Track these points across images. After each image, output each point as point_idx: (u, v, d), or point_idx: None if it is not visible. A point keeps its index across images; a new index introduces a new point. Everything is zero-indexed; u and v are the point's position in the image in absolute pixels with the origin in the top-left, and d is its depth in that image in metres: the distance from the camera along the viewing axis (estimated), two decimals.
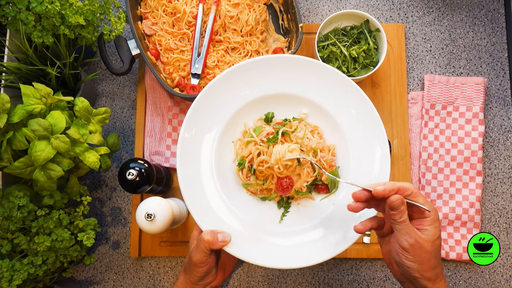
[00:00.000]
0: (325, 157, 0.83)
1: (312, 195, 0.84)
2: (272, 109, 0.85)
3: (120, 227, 1.02)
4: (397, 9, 1.10)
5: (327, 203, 0.82)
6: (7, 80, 0.90)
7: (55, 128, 0.78)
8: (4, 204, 0.82)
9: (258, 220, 0.81)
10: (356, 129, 0.82)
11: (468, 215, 0.99)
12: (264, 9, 1.03)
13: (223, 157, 0.84)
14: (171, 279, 1.00)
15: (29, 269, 0.82)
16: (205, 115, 0.81)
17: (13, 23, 0.85)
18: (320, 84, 0.82)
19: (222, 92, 0.81)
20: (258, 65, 0.81)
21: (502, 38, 1.07)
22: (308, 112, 0.85)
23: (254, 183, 0.83)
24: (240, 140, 0.85)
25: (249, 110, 0.84)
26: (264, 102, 0.84)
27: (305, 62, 0.82)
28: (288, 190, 0.81)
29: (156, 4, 1.00)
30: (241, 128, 0.86)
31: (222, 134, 0.83)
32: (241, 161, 0.83)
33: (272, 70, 0.82)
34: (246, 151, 0.83)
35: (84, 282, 1.01)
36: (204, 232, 0.72)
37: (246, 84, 0.82)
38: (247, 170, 0.83)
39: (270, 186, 0.83)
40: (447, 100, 1.03)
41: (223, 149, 0.84)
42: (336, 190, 0.83)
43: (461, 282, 1.00)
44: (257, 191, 0.84)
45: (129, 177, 0.83)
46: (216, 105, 0.81)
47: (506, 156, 1.04)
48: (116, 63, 1.07)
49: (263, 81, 0.82)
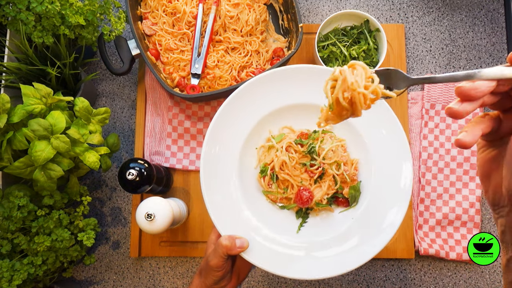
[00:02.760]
0: (348, 171, 0.83)
1: (332, 207, 0.84)
2: (299, 118, 0.85)
3: (120, 227, 1.02)
4: (397, 9, 1.09)
5: (346, 216, 0.82)
6: (7, 80, 0.90)
7: (55, 128, 0.78)
8: (4, 204, 0.82)
9: (276, 228, 0.81)
10: (380, 145, 0.81)
11: (468, 215, 1.00)
12: (264, 9, 1.03)
13: (246, 163, 0.84)
14: (171, 279, 1.00)
15: (29, 269, 0.82)
16: (232, 119, 0.80)
17: (13, 23, 0.85)
18: None
19: (251, 98, 0.81)
20: (289, 73, 0.81)
21: (502, 38, 1.07)
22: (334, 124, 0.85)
23: (275, 191, 0.83)
24: (263, 147, 0.85)
25: (275, 117, 0.84)
26: (291, 110, 0.83)
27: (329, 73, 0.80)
28: (308, 203, 0.81)
29: (156, 4, 1.00)
30: (265, 135, 0.86)
31: (247, 139, 0.83)
32: (264, 168, 0.83)
33: (302, 80, 0.81)
34: (269, 158, 0.83)
35: (84, 282, 1.01)
36: (222, 237, 0.72)
37: (276, 91, 0.81)
38: (269, 178, 0.83)
39: (291, 195, 0.83)
40: (447, 100, 1.03)
41: (246, 154, 0.84)
42: (356, 204, 0.83)
43: (461, 282, 1.00)
44: (277, 199, 0.84)
45: (129, 177, 0.83)
46: (244, 111, 0.81)
47: None
48: (116, 63, 1.07)
49: (292, 90, 0.82)
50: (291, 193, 0.83)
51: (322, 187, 0.83)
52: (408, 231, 0.99)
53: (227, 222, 0.77)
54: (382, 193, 0.80)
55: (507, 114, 0.47)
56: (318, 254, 0.78)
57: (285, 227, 0.82)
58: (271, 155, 0.83)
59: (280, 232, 0.81)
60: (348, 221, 0.81)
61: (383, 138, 0.81)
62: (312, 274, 0.76)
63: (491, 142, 0.49)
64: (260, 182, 0.84)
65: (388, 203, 0.79)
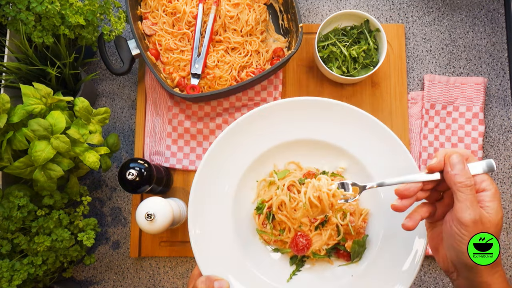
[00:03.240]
0: (354, 223, 0.74)
1: (331, 259, 0.76)
2: (308, 155, 0.77)
3: (120, 227, 1.02)
4: (397, 9, 1.09)
5: (345, 272, 0.74)
6: (7, 80, 0.90)
7: (55, 128, 0.78)
8: (4, 204, 0.82)
9: (265, 272, 0.73)
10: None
11: None
12: (264, 9, 1.03)
13: (243, 195, 0.76)
14: (171, 279, 1.00)
15: (29, 269, 0.82)
16: (237, 143, 0.73)
17: (13, 23, 0.85)
18: (367, 140, 0.73)
19: (260, 124, 0.73)
20: (306, 105, 0.73)
21: (502, 38, 1.07)
22: (347, 167, 0.77)
23: (270, 232, 0.75)
24: (264, 181, 0.78)
25: (283, 150, 0.76)
26: (301, 145, 0.76)
27: (354, 112, 0.73)
28: (304, 251, 0.73)
29: (156, 4, 1.00)
30: (270, 167, 0.78)
31: (248, 169, 0.75)
32: (260, 205, 0.76)
33: (318, 114, 0.74)
34: (268, 194, 0.76)
35: (84, 282, 1.01)
36: (199, 280, 0.66)
37: (285, 123, 0.74)
38: (265, 217, 0.75)
39: (286, 238, 0.75)
40: (447, 100, 1.03)
41: (246, 186, 0.76)
42: (359, 260, 0.74)
43: None
44: (271, 241, 0.76)
45: (129, 177, 0.83)
46: (251, 137, 0.74)
47: (506, 156, 1.04)
48: (116, 63, 1.07)
49: (305, 123, 0.74)
50: (287, 236, 0.74)
51: (322, 236, 0.74)
52: None
53: (211, 259, 0.70)
54: (390, 255, 0.71)
55: (438, 202, 0.63)
56: None
57: (276, 273, 0.74)
58: (271, 192, 0.76)
59: (269, 277, 0.73)
60: (347, 277, 0.73)
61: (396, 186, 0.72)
62: None
63: (433, 223, 0.64)
64: (255, 219, 0.77)
65: (392, 274, 0.70)
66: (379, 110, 1.03)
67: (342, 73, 0.99)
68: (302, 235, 0.73)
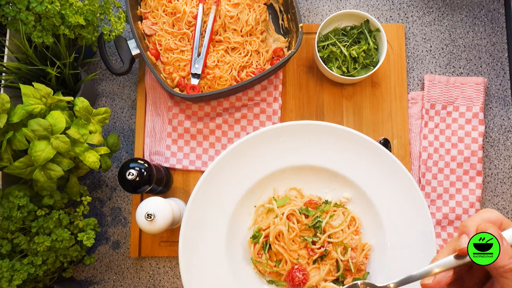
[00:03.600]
0: (355, 259, 0.70)
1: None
2: (311, 182, 0.73)
3: (120, 227, 1.02)
4: (397, 9, 1.09)
5: None
6: (7, 80, 0.90)
7: (55, 128, 0.78)
8: (4, 204, 0.82)
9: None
10: (402, 235, 0.67)
11: (468, 215, 0.99)
12: (264, 9, 1.03)
13: (240, 220, 0.73)
14: (171, 279, 1.00)
15: (29, 269, 0.82)
16: (236, 166, 0.70)
17: (13, 23, 0.85)
18: (374, 171, 0.70)
19: (260, 147, 0.70)
20: (312, 130, 0.70)
21: (502, 38, 1.07)
22: (351, 197, 0.73)
23: (265, 263, 0.72)
24: (263, 207, 0.74)
25: (284, 175, 0.73)
26: (304, 171, 0.73)
27: (362, 141, 0.69)
28: (299, 286, 0.70)
29: (156, 4, 1.00)
30: (269, 193, 0.74)
31: (247, 194, 0.72)
32: (257, 234, 0.72)
33: (321, 139, 0.71)
34: (266, 222, 0.73)
35: (84, 282, 1.01)
36: None
37: (289, 147, 0.71)
38: (260, 247, 0.72)
39: (282, 271, 0.71)
40: (447, 100, 1.03)
41: (243, 212, 0.73)
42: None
43: None
44: (266, 272, 0.73)
45: (129, 177, 0.83)
46: (250, 161, 0.70)
47: (506, 156, 1.04)
48: (116, 63, 1.07)
49: (308, 149, 0.71)
50: (283, 269, 0.71)
51: (320, 271, 0.71)
52: None
53: (198, 283, 0.67)
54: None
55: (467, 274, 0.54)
56: None
57: None
58: (269, 219, 0.72)
59: None
60: None
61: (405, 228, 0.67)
62: None
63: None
64: (250, 248, 0.73)
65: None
66: (379, 110, 1.03)
67: (342, 73, 0.99)
68: (299, 269, 0.70)
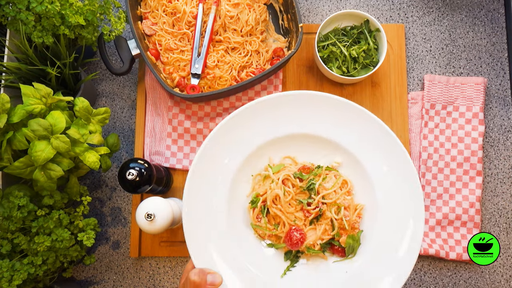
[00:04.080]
0: (349, 217, 0.74)
1: (326, 255, 0.76)
2: (304, 150, 0.77)
3: (120, 227, 1.02)
4: (397, 9, 1.09)
5: (340, 268, 0.74)
6: (7, 80, 0.90)
7: (55, 128, 0.78)
8: (4, 204, 0.82)
9: (259, 267, 0.73)
10: (391, 195, 0.73)
11: (468, 215, 0.99)
12: (264, 9, 1.03)
13: (239, 189, 0.76)
14: (171, 279, 1.00)
15: (29, 269, 0.82)
16: (231, 138, 0.73)
17: (13, 23, 0.85)
18: (364, 135, 0.74)
19: (255, 120, 0.73)
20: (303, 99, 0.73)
21: (502, 38, 1.07)
22: (342, 161, 0.77)
23: (264, 226, 0.75)
24: (260, 175, 0.78)
25: (279, 144, 0.76)
26: (297, 140, 0.76)
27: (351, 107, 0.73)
28: (298, 245, 0.73)
29: (156, 4, 1.00)
30: (264, 162, 0.78)
31: (244, 163, 0.75)
32: (255, 199, 0.75)
33: (315, 109, 0.74)
34: (263, 188, 0.76)
35: (84, 282, 1.01)
36: (192, 272, 0.64)
37: (284, 117, 0.74)
38: (259, 211, 0.75)
39: (281, 233, 0.75)
40: (447, 100, 1.03)
41: (241, 180, 0.76)
42: (353, 256, 0.75)
43: (461, 282, 1.00)
44: (265, 235, 0.76)
45: (129, 177, 0.83)
46: (246, 131, 0.73)
47: (506, 156, 1.04)
48: (116, 63, 1.07)
49: (302, 118, 0.74)
50: (282, 231, 0.75)
51: (316, 230, 0.75)
52: None
53: (204, 252, 0.70)
54: (385, 247, 0.72)
55: None
56: None
57: (270, 268, 0.74)
58: (266, 186, 0.76)
59: (263, 272, 0.73)
60: (342, 275, 0.73)
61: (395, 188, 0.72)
62: None
63: None
64: (249, 213, 0.76)
65: (388, 265, 0.71)
66: (379, 110, 1.03)
67: (342, 73, 0.99)
68: (296, 229, 0.73)
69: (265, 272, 0.73)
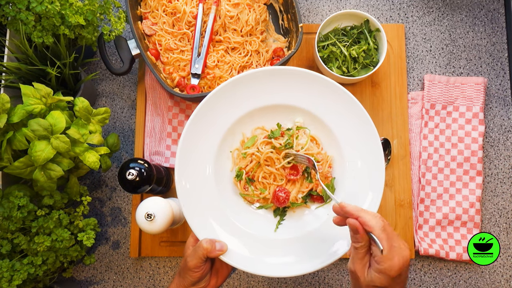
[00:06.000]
0: (322, 169, 0.84)
1: (308, 204, 0.86)
2: (270, 119, 0.87)
3: (120, 227, 1.02)
4: (397, 9, 1.09)
5: (322, 212, 0.84)
6: (7, 80, 0.90)
7: (55, 128, 0.78)
8: (4, 204, 0.82)
9: (254, 228, 0.83)
10: (352, 143, 0.83)
11: (468, 215, 0.99)
12: (264, 9, 1.03)
13: (222, 166, 0.85)
14: (171, 279, 1.00)
15: (29, 269, 0.82)
16: (204, 125, 0.82)
17: (13, 23, 0.85)
18: (318, 95, 0.84)
19: (220, 104, 0.83)
20: (258, 76, 0.83)
21: (502, 38, 1.07)
22: (303, 121, 0.87)
23: (251, 193, 0.85)
24: (238, 150, 0.87)
25: (246, 120, 0.86)
26: (260, 112, 0.85)
27: (300, 73, 0.83)
28: (284, 203, 0.83)
29: (156, 4, 1.00)
30: (239, 137, 0.87)
31: (221, 143, 0.84)
32: (239, 173, 0.85)
33: (269, 82, 0.83)
34: (244, 162, 0.85)
35: (84, 282, 1.01)
36: (203, 240, 0.75)
37: (244, 95, 0.84)
38: (245, 182, 0.85)
39: (268, 195, 0.85)
40: (447, 100, 1.03)
41: (222, 157, 0.85)
42: (330, 200, 0.84)
43: (461, 282, 1.00)
44: (254, 201, 0.86)
45: (129, 177, 0.83)
46: (215, 115, 0.83)
47: (506, 156, 1.04)
48: (116, 63, 1.07)
49: (259, 93, 0.84)
50: (268, 194, 0.85)
51: (296, 185, 0.85)
52: (408, 231, 0.99)
53: (204, 227, 0.79)
54: (355, 189, 0.82)
55: None
56: (296, 250, 0.80)
57: (263, 227, 0.84)
58: (246, 160, 0.85)
59: (258, 231, 0.83)
60: (324, 216, 0.83)
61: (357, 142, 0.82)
62: (290, 272, 0.78)
63: None
64: (236, 185, 0.86)
65: (360, 198, 0.81)
66: (379, 110, 1.03)
67: (342, 73, 0.99)
68: (280, 190, 0.84)
69: (260, 230, 0.83)
